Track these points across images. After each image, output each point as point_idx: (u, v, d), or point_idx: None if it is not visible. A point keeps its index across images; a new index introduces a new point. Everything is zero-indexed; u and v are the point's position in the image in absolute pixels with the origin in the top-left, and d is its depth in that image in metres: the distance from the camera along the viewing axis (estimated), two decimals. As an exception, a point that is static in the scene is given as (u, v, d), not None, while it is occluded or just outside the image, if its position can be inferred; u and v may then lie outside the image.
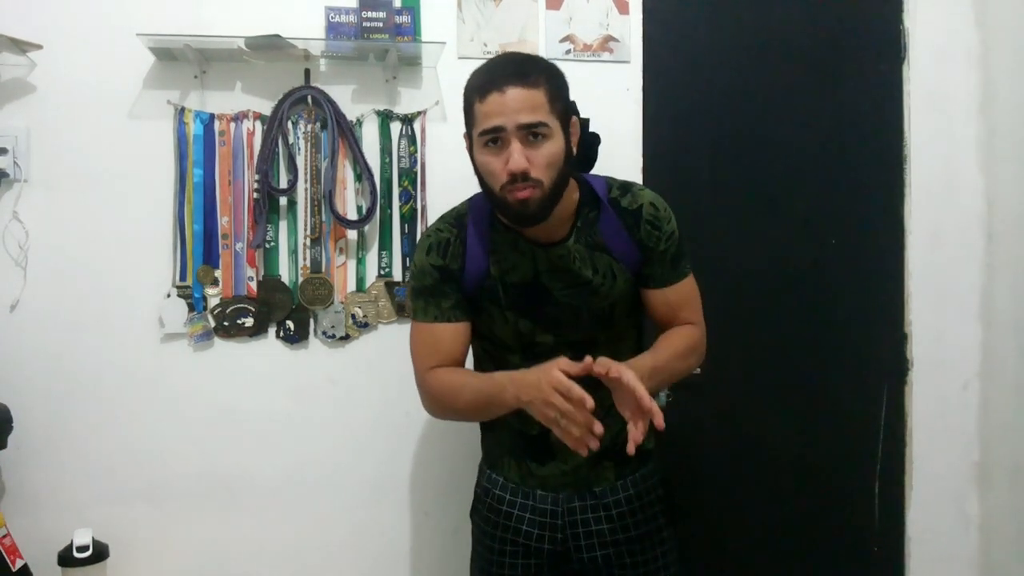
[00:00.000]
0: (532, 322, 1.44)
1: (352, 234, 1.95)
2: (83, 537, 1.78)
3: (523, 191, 1.29)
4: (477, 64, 1.93)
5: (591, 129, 1.67)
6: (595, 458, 1.40)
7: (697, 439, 2.07)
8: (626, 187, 1.46)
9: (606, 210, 1.41)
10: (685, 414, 2.00)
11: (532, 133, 1.28)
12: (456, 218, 1.49)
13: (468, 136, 1.40)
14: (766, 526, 2.10)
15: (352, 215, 1.94)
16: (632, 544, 1.49)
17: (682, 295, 1.48)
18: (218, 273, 1.90)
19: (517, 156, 1.28)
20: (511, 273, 1.43)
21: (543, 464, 1.48)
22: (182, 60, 1.87)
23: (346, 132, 1.91)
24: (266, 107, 1.90)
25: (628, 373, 1.21)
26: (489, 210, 1.44)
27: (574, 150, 1.37)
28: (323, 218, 1.92)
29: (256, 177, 1.89)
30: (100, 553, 1.79)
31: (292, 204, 1.93)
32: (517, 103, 1.28)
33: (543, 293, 1.42)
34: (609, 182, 1.46)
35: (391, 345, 1.95)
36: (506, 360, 1.46)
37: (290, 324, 1.92)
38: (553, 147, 1.30)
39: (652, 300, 1.47)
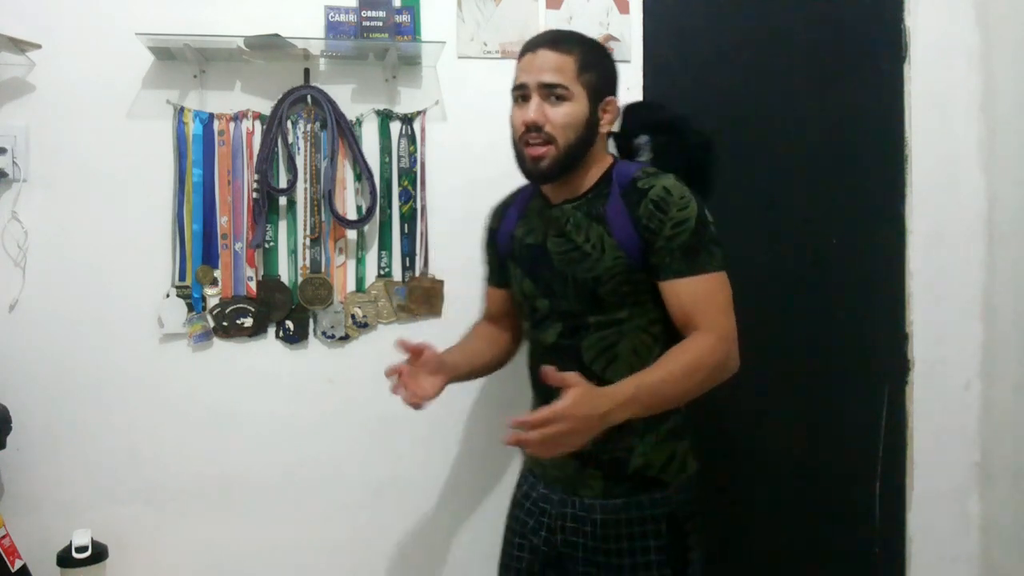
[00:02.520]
0: (533, 284, 1.51)
1: (352, 234, 1.95)
2: (82, 538, 1.77)
3: (538, 148, 1.41)
4: (477, 64, 1.98)
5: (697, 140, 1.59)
6: (581, 461, 1.43)
7: (696, 439, 2.06)
8: (656, 174, 1.41)
9: (621, 188, 1.42)
10: (684, 413, 1.99)
11: (554, 94, 1.39)
12: (521, 188, 1.63)
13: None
14: (766, 526, 2.10)
15: (352, 215, 1.94)
16: (603, 568, 1.41)
17: (696, 294, 1.35)
18: (217, 273, 1.90)
19: (533, 108, 1.40)
20: (529, 235, 1.53)
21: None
22: (181, 60, 1.86)
23: (346, 132, 1.91)
24: (265, 107, 1.90)
25: (564, 398, 1.17)
26: None
27: (603, 126, 1.45)
28: (323, 218, 1.92)
29: (255, 177, 1.89)
30: (99, 554, 1.79)
31: (291, 204, 1.92)
32: (544, 64, 1.40)
33: (545, 256, 1.48)
34: (646, 170, 1.43)
35: (391, 345, 1.94)
36: (523, 325, 1.60)
37: (289, 324, 1.92)
38: (572, 109, 1.39)
39: (665, 295, 1.39)
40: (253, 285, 1.91)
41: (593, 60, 1.43)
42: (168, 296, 1.88)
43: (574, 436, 1.19)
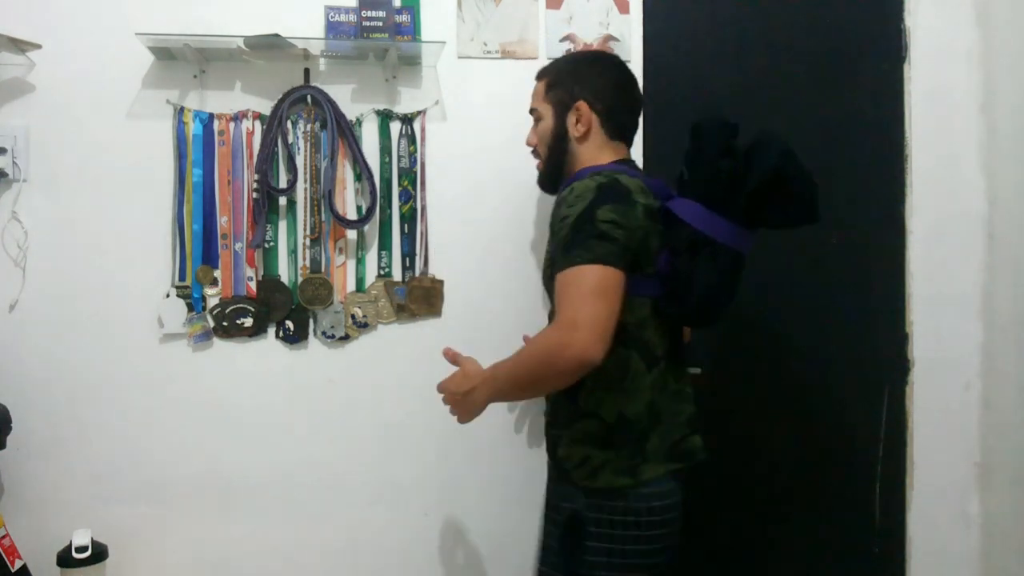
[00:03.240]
0: None
1: (352, 234, 1.95)
2: (82, 538, 1.77)
3: (537, 164, 1.64)
4: (477, 64, 1.98)
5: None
6: (546, 440, 1.57)
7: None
8: (592, 176, 1.44)
9: (561, 191, 1.51)
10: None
11: (535, 117, 1.61)
12: None
13: None
14: (766, 526, 2.10)
15: (352, 215, 1.94)
16: (542, 547, 1.55)
17: (559, 285, 1.36)
18: (217, 273, 1.90)
19: (529, 133, 1.64)
20: None
21: None
22: (181, 60, 1.86)
23: (346, 132, 1.90)
24: (265, 107, 1.90)
25: (455, 374, 1.50)
26: None
27: (577, 130, 1.53)
28: (323, 218, 1.92)
29: (255, 177, 1.89)
30: (99, 554, 1.78)
31: (291, 204, 1.92)
32: (532, 94, 1.63)
33: None
34: (593, 174, 1.45)
35: (391, 345, 1.95)
36: None
37: (289, 324, 1.92)
38: (543, 126, 1.59)
39: None
40: (253, 285, 1.91)
41: (561, 77, 1.57)
42: (168, 296, 1.88)
43: (456, 407, 1.49)
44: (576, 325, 1.30)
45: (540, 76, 1.62)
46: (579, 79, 1.55)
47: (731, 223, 1.44)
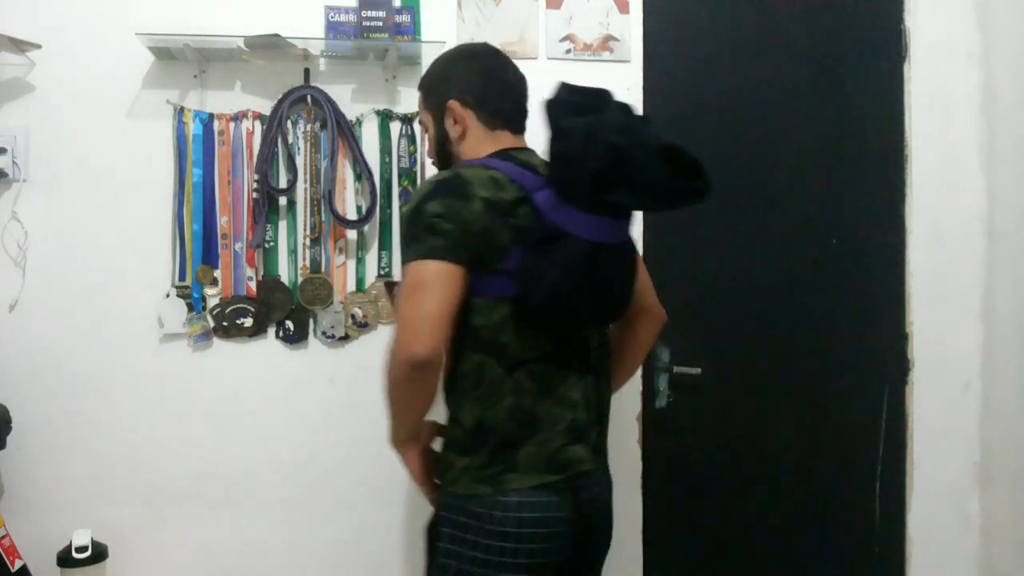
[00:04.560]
0: None
1: (352, 234, 1.95)
2: (82, 538, 1.78)
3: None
4: (476, 64, 1.96)
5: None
6: None
7: (697, 439, 2.07)
8: (442, 171, 1.41)
9: None
10: (685, 414, 2.00)
11: (422, 129, 1.60)
12: None
13: None
14: (767, 526, 2.10)
15: (352, 215, 1.94)
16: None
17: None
18: (217, 273, 1.90)
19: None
20: None
21: None
22: (181, 60, 1.86)
23: (346, 132, 1.91)
24: (265, 107, 1.90)
25: None
26: None
27: (455, 130, 1.46)
28: (323, 218, 1.92)
29: (255, 177, 1.89)
30: (99, 554, 1.79)
31: (291, 204, 1.92)
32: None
33: None
34: (453, 168, 1.40)
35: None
36: None
37: (289, 324, 1.92)
38: (429, 134, 1.52)
39: None
40: (253, 285, 1.91)
41: (432, 82, 1.51)
42: (168, 296, 1.88)
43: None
44: (400, 323, 1.28)
45: (419, 87, 1.54)
46: (446, 79, 1.48)
47: (583, 212, 1.28)
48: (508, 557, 1.30)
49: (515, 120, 1.47)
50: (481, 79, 1.46)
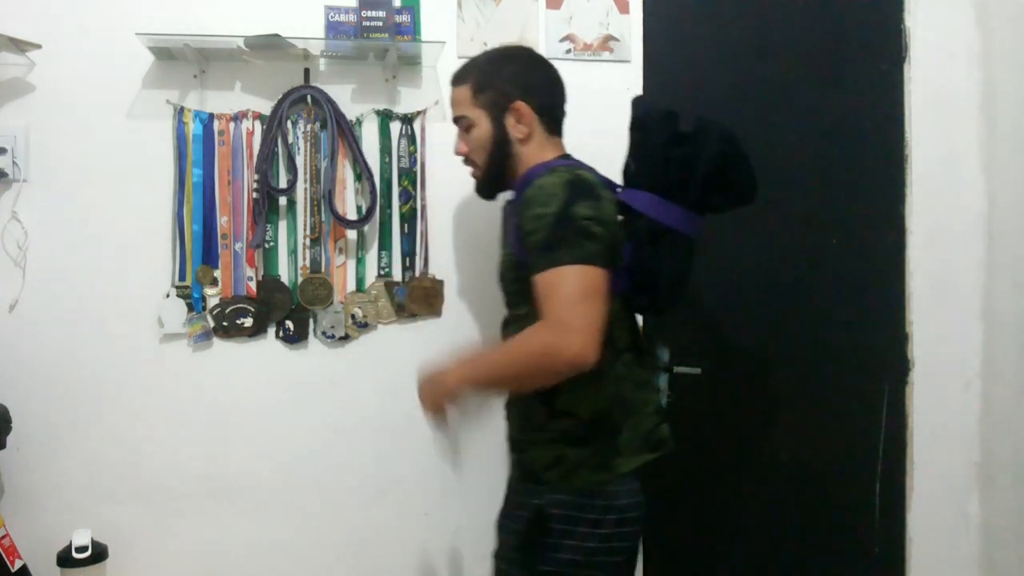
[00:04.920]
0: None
1: (352, 234, 1.95)
2: (82, 538, 1.77)
3: (472, 172, 1.57)
4: (477, 64, 1.96)
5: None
6: (508, 444, 1.55)
7: (697, 439, 2.07)
8: (555, 171, 1.40)
9: (519, 188, 1.46)
10: (685, 414, 1.99)
11: (462, 126, 1.54)
12: None
13: None
14: (766, 526, 2.10)
15: (352, 215, 1.94)
16: (497, 540, 1.51)
17: (545, 286, 1.31)
18: (217, 273, 1.90)
19: (456, 142, 1.56)
20: None
21: None
22: (181, 60, 1.86)
23: (346, 132, 1.91)
24: (265, 107, 1.90)
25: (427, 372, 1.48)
26: None
27: (519, 131, 1.49)
28: (323, 218, 1.92)
29: (255, 177, 1.89)
30: (99, 554, 1.79)
31: (291, 204, 1.92)
32: (451, 101, 1.56)
33: None
34: (552, 168, 1.42)
35: (391, 345, 1.95)
36: None
37: (289, 324, 1.92)
38: (477, 133, 1.51)
39: None
40: (253, 285, 1.91)
41: (489, 78, 1.50)
42: (168, 296, 1.88)
43: (425, 393, 1.49)
44: (571, 327, 1.27)
45: (460, 81, 1.52)
46: (509, 78, 1.49)
47: (684, 210, 1.46)
48: (618, 542, 1.40)
49: (561, 128, 1.56)
50: (547, 84, 1.53)
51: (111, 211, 1.87)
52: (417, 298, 1.95)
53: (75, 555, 1.75)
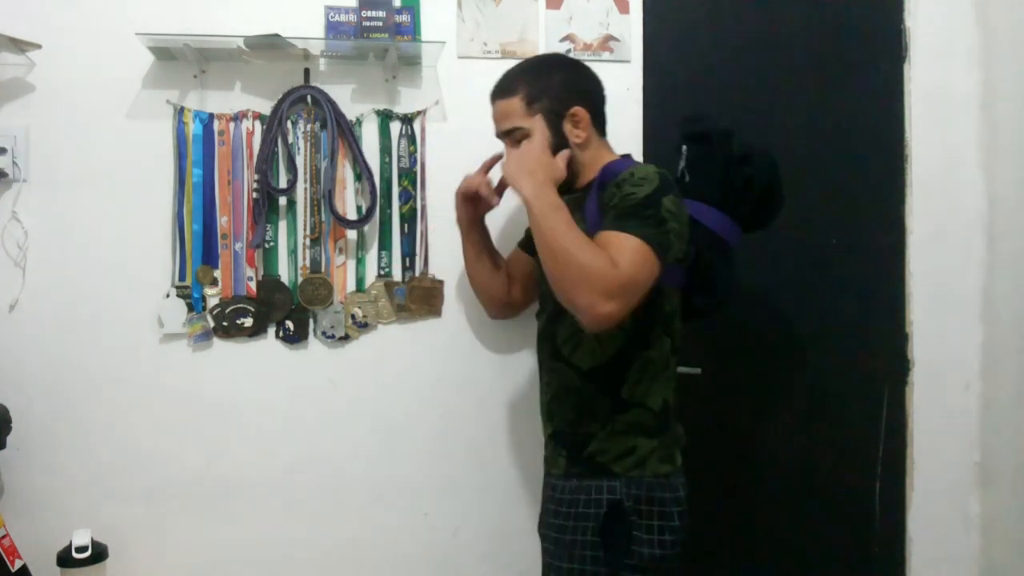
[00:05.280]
0: (540, 270, 1.51)
1: (352, 234, 1.95)
2: (82, 538, 1.77)
3: None
4: (477, 64, 1.98)
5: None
6: (555, 441, 1.55)
7: (697, 439, 2.06)
8: (640, 166, 1.47)
9: (601, 183, 1.48)
10: (685, 414, 1.99)
11: (514, 138, 1.52)
12: None
13: None
14: (766, 526, 2.10)
15: (352, 215, 1.94)
16: (554, 543, 1.48)
17: (611, 238, 1.34)
18: (217, 273, 1.90)
19: (506, 160, 1.53)
20: None
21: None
22: (181, 60, 1.86)
23: (346, 132, 1.90)
24: (265, 107, 1.90)
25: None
26: None
27: (577, 136, 1.51)
28: (323, 218, 1.92)
29: (255, 177, 1.89)
30: (99, 554, 1.78)
31: (291, 204, 1.92)
32: (498, 114, 1.56)
33: None
34: (638, 165, 1.50)
35: (391, 345, 1.95)
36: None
37: (289, 324, 1.92)
38: (536, 140, 1.49)
39: None
40: (253, 285, 1.91)
41: (541, 87, 1.50)
42: (168, 296, 1.88)
43: (522, 158, 1.45)
44: (623, 293, 1.29)
45: (508, 93, 1.52)
46: (564, 85, 1.51)
47: (735, 224, 1.57)
48: (682, 530, 1.46)
49: (606, 130, 1.61)
50: (595, 88, 1.57)
51: (111, 211, 1.87)
52: (417, 298, 1.95)
53: (75, 555, 1.75)
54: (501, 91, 1.54)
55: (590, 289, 1.29)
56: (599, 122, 1.57)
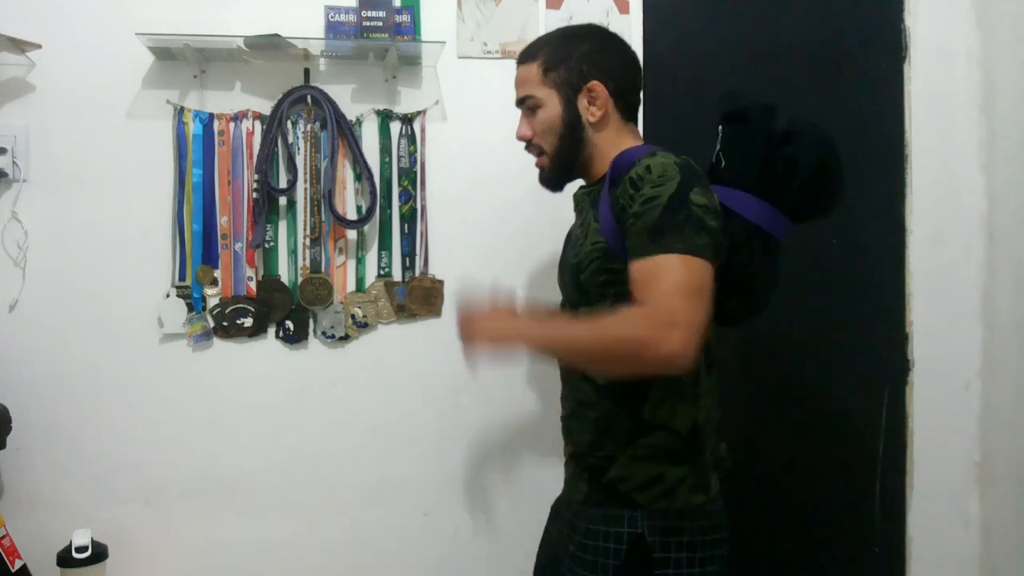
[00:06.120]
0: (559, 270, 1.46)
1: (352, 234, 1.95)
2: (82, 538, 1.77)
3: (537, 159, 1.43)
4: (477, 63, 1.98)
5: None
6: (575, 463, 1.38)
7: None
8: (655, 155, 1.27)
9: (613, 173, 1.31)
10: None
11: (528, 106, 1.40)
12: None
13: None
14: (766, 526, 2.10)
15: (352, 215, 1.94)
16: (569, 572, 1.32)
17: (646, 271, 1.18)
18: (217, 273, 1.90)
19: (520, 125, 1.43)
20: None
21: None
22: (181, 60, 1.86)
23: (346, 132, 1.91)
24: (265, 107, 1.90)
25: (471, 306, 1.31)
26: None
27: (594, 114, 1.35)
28: (323, 218, 1.92)
29: (255, 177, 1.89)
30: (99, 554, 1.79)
31: (291, 204, 1.92)
32: (517, 80, 1.43)
33: (567, 242, 1.47)
34: (654, 152, 1.29)
35: (391, 345, 1.95)
36: None
37: (289, 324, 1.92)
38: (546, 114, 1.37)
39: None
40: (253, 285, 1.91)
41: (560, 55, 1.36)
42: (168, 296, 1.89)
43: (479, 327, 1.26)
44: (674, 322, 1.11)
45: (529, 58, 1.39)
46: (585, 57, 1.35)
47: (779, 213, 1.37)
48: (719, 563, 1.29)
49: (637, 115, 1.44)
50: (624, 66, 1.40)
51: (111, 211, 1.87)
52: (417, 298, 1.95)
53: (75, 555, 1.75)
54: (523, 55, 1.41)
55: (644, 346, 1.13)
56: (624, 104, 1.38)
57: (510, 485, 1.98)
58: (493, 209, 1.97)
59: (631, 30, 2.02)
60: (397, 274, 1.96)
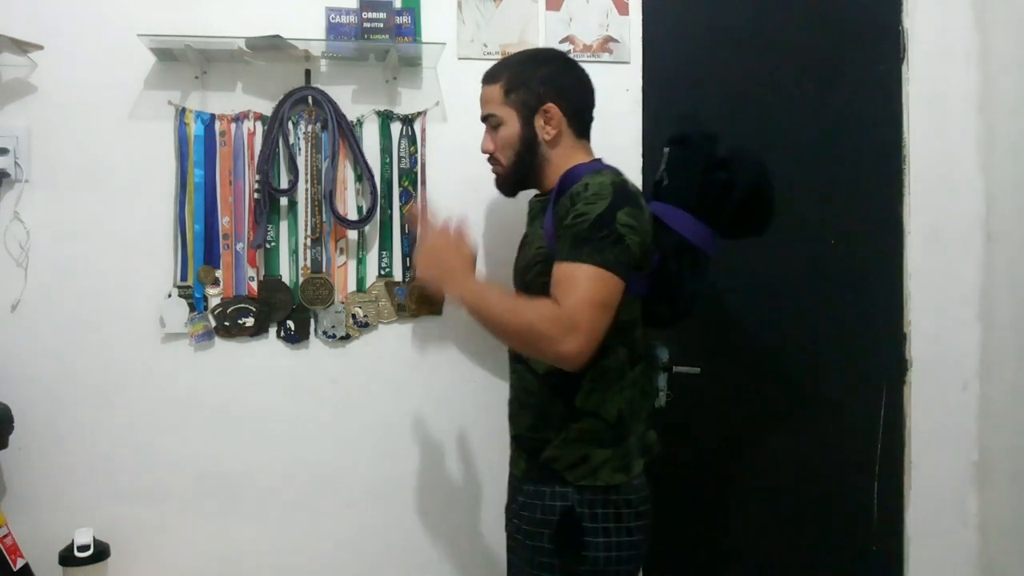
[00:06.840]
0: (513, 274, 1.62)
1: (352, 234, 1.95)
2: (84, 536, 1.78)
3: (495, 170, 1.59)
4: (477, 65, 1.97)
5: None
6: (516, 443, 1.54)
7: (696, 438, 2.07)
8: (598, 173, 1.42)
9: (560, 188, 1.46)
10: (684, 414, 2.00)
11: (491, 124, 1.55)
12: None
13: None
14: (765, 526, 2.10)
15: (352, 215, 1.94)
16: (516, 545, 1.50)
17: (563, 275, 1.35)
18: (219, 273, 1.91)
19: (483, 140, 1.58)
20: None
21: None
22: (183, 61, 1.87)
23: (346, 132, 1.91)
24: (267, 107, 1.91)
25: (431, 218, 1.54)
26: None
27: (548, 133, 1.50)
28: (323, 218, 1.93)
29: (257, 177, 1.89)
30: (101, 552, 1.79)
31: (293, 204, 1.93)
32: (482, 99, 1.57)
33: (520, 249, 1.62)
34: (598, 171, 1.44)
35: (391, 345, 1.96)
36: None
37: (291, 324, 1.92)
38: (505, 132, 1.52)
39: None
40: (254, 285, 1.92)
41: (522, 78, 1.51)
42: (170, 296, 1.89)
43: (436, 266, 1.46)
44: (576, 326, 1.30)
45: (492, 80, 1.54)
46: (543, 80, 1.50)
47: (710, 231, 1.53)
48: (638, 536, 1.44)
49: (589, 132, 1.58)
50: (579, 88, 1.55)
51: (113, 211, 1.87)
52: (418, 298, 1.96)
53: (77, 554, 1.76)
54: (486, 76, 1.57)
55: (547, 339, 1.31)
56: (577, 123, 1.53)
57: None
58: (493, 209, 1.98)
59: (630, 31, 2.03)
60: (398, 274, 1.97)
